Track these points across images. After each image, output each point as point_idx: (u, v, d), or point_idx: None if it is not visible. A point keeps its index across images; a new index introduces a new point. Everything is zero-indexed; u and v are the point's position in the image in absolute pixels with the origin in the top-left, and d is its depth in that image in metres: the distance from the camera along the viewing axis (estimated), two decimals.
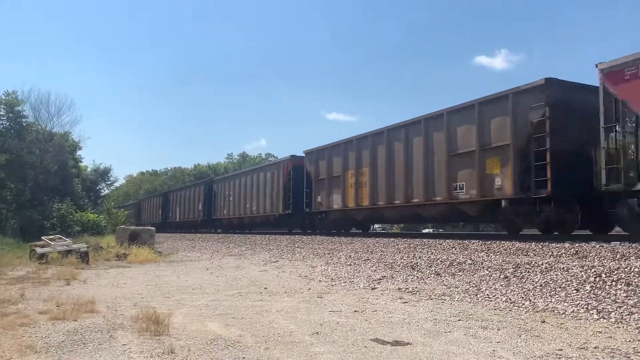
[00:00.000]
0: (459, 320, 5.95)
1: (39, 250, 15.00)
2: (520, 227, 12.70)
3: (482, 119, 12.47)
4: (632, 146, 9.42)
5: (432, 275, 9.03)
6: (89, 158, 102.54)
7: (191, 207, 35.45)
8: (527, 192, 11.28)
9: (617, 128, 9.66)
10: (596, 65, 10.14)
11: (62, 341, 4.96)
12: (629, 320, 5.53)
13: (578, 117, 10.82)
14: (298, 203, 21.30)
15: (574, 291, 6.68)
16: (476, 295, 7.42)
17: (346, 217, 18.75)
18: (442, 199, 13.56)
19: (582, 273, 7.11)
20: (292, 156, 22.96)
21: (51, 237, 17.14)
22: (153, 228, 22.25)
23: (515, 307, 6.60)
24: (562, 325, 5.54)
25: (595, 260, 7.92)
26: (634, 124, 9.42)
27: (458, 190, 13.08)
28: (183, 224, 37.16)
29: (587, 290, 6.61)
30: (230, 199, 28.66)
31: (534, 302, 6.66)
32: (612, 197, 10.05)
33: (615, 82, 9.72)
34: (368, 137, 16.92)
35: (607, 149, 9.77)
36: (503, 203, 12.06)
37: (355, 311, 6.57)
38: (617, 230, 11.70)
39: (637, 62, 9.40)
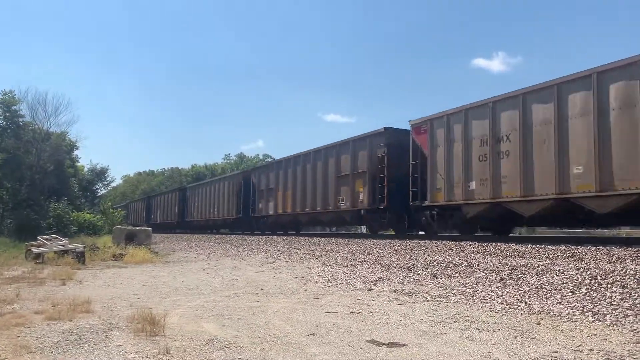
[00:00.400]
0: (454, 321, 5.96)
1: (35, 250, 14.95)
2: (376, 228, 17.45)
3: (354, 152, 17.13)
4: (424, 176, 13.80)
5: (429, 277, 9.04)
6: (86, 158, 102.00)
7: (169, 210, 39.88)
8: (375, 205, 15.88)
9: (417, 164, 14.13)
10: (409, 121, 14.68)
11: (58, 341, 4.95)
12: (624, 322, 5.55)
13: (407, 154, 14.62)
14: (247, 209, 25.94)
15: (570, 293, 6.70)
16: (472, 297, 7.43)
17: (278, 221, 23.17)
18: (332, 208, 18.20)
19: (578, 275, 7.13)
20: (243, 171, 29.49)
21: (47, 237, 17.09)
22: (150, 228, 22.27)
23: (511, 309, 6.61)
24: (558, 328, 5.56)
25: (591, 262, 7.94)
26: (424, 162, 13.91)
27: (341, 202, 17.74)
28: (162, 225, 40.81)
29: (582, 292, 6.62)
30: (199, 203, 33.17)
31: (529, 304, 6.68)
32: (417, 209, 14.37)
33: (417, 133, 14.30)
34: (291, 160, 21.47)
35: (412, 177, 14.26)
36: (362, 212, 16.73)
37: (351, 312, 6.57)
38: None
39: (427, 123, 13.86)
